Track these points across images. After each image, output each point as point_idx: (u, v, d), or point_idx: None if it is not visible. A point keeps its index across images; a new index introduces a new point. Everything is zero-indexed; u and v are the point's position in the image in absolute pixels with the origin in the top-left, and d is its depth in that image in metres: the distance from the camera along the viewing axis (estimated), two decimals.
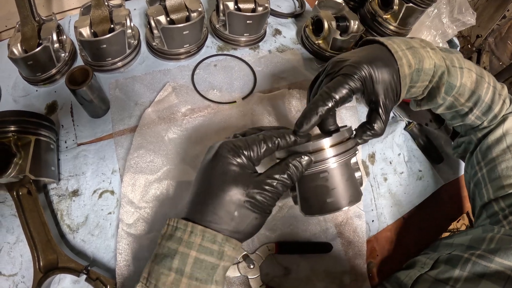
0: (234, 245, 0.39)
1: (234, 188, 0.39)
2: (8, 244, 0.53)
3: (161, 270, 0.38)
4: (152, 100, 0.64)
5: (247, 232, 0.41)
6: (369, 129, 0.46)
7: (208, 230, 0.38)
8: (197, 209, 0.40)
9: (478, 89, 0.51)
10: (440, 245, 0.53)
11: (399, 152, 0.70)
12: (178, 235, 0.39)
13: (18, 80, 0.67)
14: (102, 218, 0.55)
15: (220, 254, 0.39)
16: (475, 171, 0.55)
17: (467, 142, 0.59)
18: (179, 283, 0.37)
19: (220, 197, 0.39)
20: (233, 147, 0.40)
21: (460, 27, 0.84)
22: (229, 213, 0.39)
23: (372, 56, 0.45)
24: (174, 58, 0.69)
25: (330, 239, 0.59)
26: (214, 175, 0.40)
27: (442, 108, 0.54)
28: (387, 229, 0.65)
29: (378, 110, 0.46)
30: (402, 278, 0.49)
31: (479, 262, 0.41)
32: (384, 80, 0.45)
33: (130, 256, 0.51)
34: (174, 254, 0.38)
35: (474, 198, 0.57)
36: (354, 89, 0.43)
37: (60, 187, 0.57)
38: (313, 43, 0.75)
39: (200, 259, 0.38)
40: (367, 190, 0.65)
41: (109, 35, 0.60)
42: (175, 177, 0.57)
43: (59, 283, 0.51)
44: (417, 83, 0.49)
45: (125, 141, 0.60)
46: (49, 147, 0.55)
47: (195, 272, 0.38)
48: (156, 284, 0.38)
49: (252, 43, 0.75)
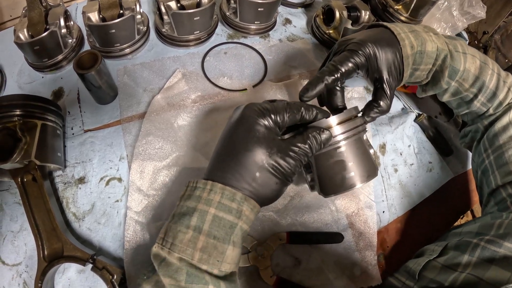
0: (252, 206, 0.38)
1: (258, 149, 0.37)
2: (11, 233, 0.51)
3: (178, 228, 0.36)
4: (161, 86, 0.61)
5: (266, 197, 0.39)
6: (376, 106, 0.47)
7: (227, 188, 0.37)
8: (218, 168, 0.39)
9: (482, 75, 0.51)
10: (449, 235, 0.51)
11: (409, 143, 0.67)
12: (197, 194, 0.37)
13: (24, 67, 0.64)
14: (109, 206, 0.52)
15: (238, 213, 0.37)
16: (483, 159, 0.54)
17: (474, 130, 0.57)
18: (196, 241, 0.35)
19: (243, 156, 0.38)
20: (260, 109, 0.39)
21: (470, 20, 0.81)
22: (251, 172, 0.37)
23: (376, 37, 0.47)
24: (183, 45, 0.66)
25: (341, 230, 0.56)
26: (238, 135, 0.39)
27: (448, 95, 0.53)
28: (398, 221, 0.62)
29: (383, 86, 0.46)
30: (411, 265, 0.47)
31: (488, 247, 0.40)
32: (388, 59, 0.46)
33: (138, 244, 0.48)
34: (193, 212, 0.36)
35: (481, 186, 0.55)
36: (358, 64, 0.45)
37: (66, 174, 0.54)
38: (324, 33, 0.71)
39: (219, 216, 0.36)
40: (378, 181, 0.62)
41: (119, 20, 0.57)
42: (185, 164, 0.54)
43: (63, 272, 0.49)
44: (420, 65, 0.48)
45: (133, 127, 0.57)
46: (56, 133, 0.52)
47: (213, 230, 0.36)
48: (172, 242, 0.36)
49: (263, 31, 0.71)
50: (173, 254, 0.35)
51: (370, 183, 0.60)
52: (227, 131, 0.40)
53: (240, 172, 0.37)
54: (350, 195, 0.58)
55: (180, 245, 0.35)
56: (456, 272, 0.40)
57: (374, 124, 0.66)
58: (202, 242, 0.35)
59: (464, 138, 0.61)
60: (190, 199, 0.38)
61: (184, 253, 0.35)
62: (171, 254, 0.35)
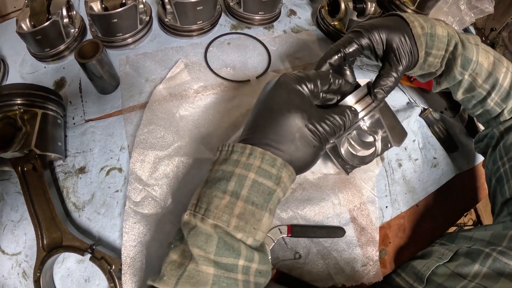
0: (290, 173, 0.36)
1: (297, 112, 0.37)
2: (12, 222, 0.50)
3: (214, 193, 0.34)
4: (163, 77, 0.60)
5: (303, 161, 0.38)
6: (381, 79, 0.45)
7: (268, 152, 0.35)
8: (255, 132, 0.37)
9: (496, 72, 0.50)
10: (458, 237, 0.50)
11: (414, 138, 0.65)
12: (235, 158, 0.35)
13: (26, 57, 0.63)
14: (109, 196, 0.51)
15: (277, 179, 0.35)
16: (498, 167, 0.52)
17: (489, 136, 0.55)
18: (233, 207, 0.33)
19: (283, 118, 0.36)
20: (296, 76, 0.39)
21: (478, 14, 0.79)
22: (290, 135, 0.36)
23: (383, 20, 0.47)
24: (186, 35, 0.64)
25: (343, 224, 0.54)
26: (276, 99, 0.38)
27: (462, 91, 0.52)
28: (401, 216, 0.60)
29: (391, 59, 0.46)
30: (419, 267, 0.45)
31: (499, 259, 0.39)
32: (395, 38, 0.45)
33: (137, 236, 0.47)
34: (230, 176, 0.34)
35: (495, 194, 0.53)
36: (363, 44, 0.46)
37: (66, 164, 0.53)
38: (329, 25, 0.69)
39: (259, 181, 0.34)
40: (382, 175, 0.60)
41: (121, 9, 0.56)
42: (186, 154, 0.52)
43: (63, 262, 0.48)
44: (432, 49, 0.48)
45: (135, 117, 0.55)
46: (56, 122, 0.51)
47: (252, 196, 0.34)
48: (207, 208, 0.34)
49: (267, 22, 0.69)
50: (207, 220, 0.33)
51: (373, 177, 0.58)
52: (264, 97, 0.39)
53: (279, 135, 0.36)
54: (353, 189, 0.56)
55: (215, 211, 0.33)
56: (465, 281, 0.40)
57: None
58: (240, 208, 0.33)
59: (479, 143, 0.59)
60: (226, 163, 0.36)
61: (220, 220, 0.33)
62: (205, 220, 0.33)
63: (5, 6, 0.87)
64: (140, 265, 0.45)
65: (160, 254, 0.46)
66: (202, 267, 0.32)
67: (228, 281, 0.33)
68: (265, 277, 0.37)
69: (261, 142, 0.36)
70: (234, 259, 0.33)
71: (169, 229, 0.47)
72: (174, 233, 0.39)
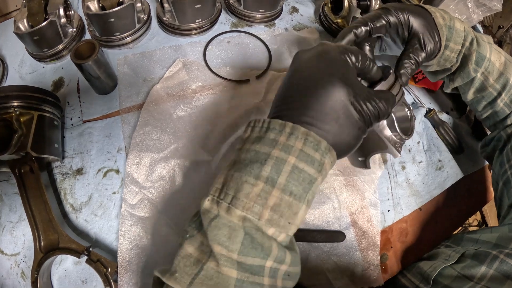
0: (333, 159, 0.32)
1: (343, 87, 0.31)
2: (10, 223, 0.50)
3: (244, 178, 0.29)
4: (161, 76, 0.59)
5: (346, 144, 0.33)
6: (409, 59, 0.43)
7: (311, 133, 0.30)
8: (291, 107, 0.32)
9: (507, 72, 0.50)
10: (464, 239, 0.50)
11: (419, 140, 0.64)
12: (271, 137, 0.30)
13: (25, 57, 0.63)
14: (106, 198, 0.51)
15: (320, 165, 0.30)
16: (505, 169, 0.51)
17: (496, 139, 0.55)
18: (267, 196, 0.28)
19: (326, 90, 0.31)
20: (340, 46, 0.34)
21: (485, 12, 0.76)
22: (334, 111, 0.31)
23: (408, 6, 0.46)
24: (185, 33, 0.64)
25: (344, 228, 0.53)
26: (316, 70, 0.32)
27: (473, 90, 0.52)
28: (403, 220, 0.59)
29: (415, 43, 0.44)
30: (426, 268, 0.45)
31: (507, 261, 0.39)
32: (421, 22, 0.44)
33: (133, 239, 0.47)
34: (266, 159, 0.29)
35: (501, 197, 0.52)
36: (390, 22, 0.44)
37: (64, 165, 0.53)
38: (332, 22, 0.68)
39: (299, 167, 0.29)
40: (384, 178, 0.59)
41: (118, 8, 0.56)
42: (183, 156, 0.52)
43: (60, 263, 0.48)
44: (450, 42, 0.47)
45: (132, 118, 0.55)
46: (53, 124, 0.51)
47: (291, 184, 0.29)
48: (235, 195, 0.29)
49: (268, 20, 0.68)
50: (234, 211, 0.28)
51: (375, 180, 0.57)
52: (300, 67, 0.34)
53: (321, 112, 0.31)
54: (355, 192, 0.55)
55: (245, 200, 0.28)
56: (471, 283, 0.39)
57: None
58: (275, 198, 0.28)
59: (485, 148, 0.58)
60: (260, 142, 0.30)
61: (250, 211, 0.28)
62: (231, 210, 0.29)
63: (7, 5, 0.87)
64: (136, 269, 0.45)
65: (157, 258, 0.46)
66: (223, 269, 0.28)
67: (251, 287, 0.30)
68: (294, 280, 0.33)
69: (300, 120, 0.31)
70: (262, 259, 0.29)
71: (165, 232, 0.47)
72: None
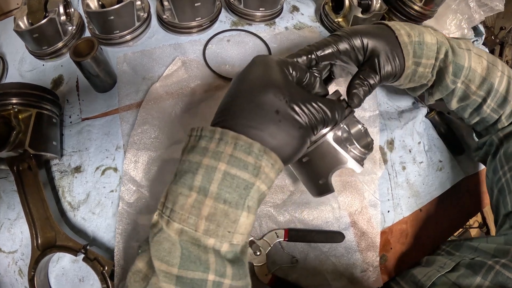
0: (273, 161, 0.30)
1: (276, 89, 0.31)
2: (8, 221, 0.51)
3: (179, 190, 0.29)
4: (160, 75, 0.59)
5: (288, 145, 0.32)
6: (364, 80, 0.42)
7: (242, 136, 0.29)
8: (227, 112, 0.32)
9: (490, 77, 0.47)
10: (464, 246, 0.49)
11: (419, 140, 0.64)
12: (203, 145, 0.30)
13: (25, 55, 0.63)
14: (104, 196, 0.51)
15: (256, 169, 0.29)
16: (499, 177, 0.49)
17: (488, 144, 0.53)
18: (201, 206, 0.28)
19: (259, 92, 0.31)
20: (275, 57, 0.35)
21: (487, 12, 0.76)
22: (269, 112, 0.30)
23: (368, 27, 0.44)
24: (185, 32, 0.64)
25: (343, 228, 0.53)
26: (250, 77, 0.33)
27: (456, 100, 0.50)
28: (403, 221, 0.59)
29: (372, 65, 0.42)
30: (420, 277, 0.44)
31: (502, 272, 0.38)
32: (379, 46, 0.42)
33: (129, 237, 0.47)
34: (197, 168, 0.29)
35: (497, 205, 0.51)
36: (341, 49, 0.42)
37: (62, 163, 0.53)
38: (333, 21, 0.68)
39: (231, 174, 0.29)
40: (384, 178, 0.59)
41: (117, 6, 0.56)
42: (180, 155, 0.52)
43: (58, 261, 0.49)
44: (421, 58, 0.45)
45: (131, 116, 0.55)
46: (51, 121, 0.51)
47: (224, 192, 0.28)
48: (172, 208, 0.29)
49: (268, 18, 0.68)
50: (172, 224, 0.28)
51: (375, 180, 0.57)
52: (238, 76, 0.35)
53: (255, 113, 0.30)
54: (354, 192, 0.55)
55: (180, 212, 0.28)
56: None
57: (383, 119, 0.62)
58: (209, 207, 0.28)
59: (478, 151, 0.58)
60: (193, 152, 0.30)
61: (186, 223, 0.28)
62: (170, 224, 0.28)
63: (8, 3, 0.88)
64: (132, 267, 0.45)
65: None
66: (162, 284, 0.28)
67: None
68: None
69: (235, 124, 0.30)
70: (203, 273, 0.29)
71: None
72: None
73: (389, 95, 0.67)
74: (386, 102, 0.66)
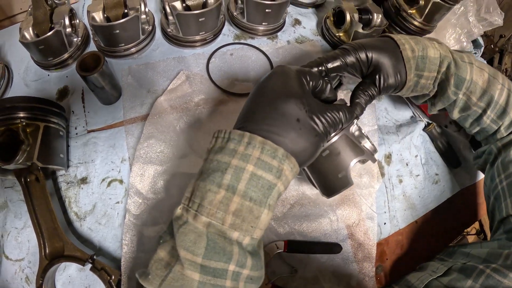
0: (292, 165, 0.35)
1: (297, 99, 0.36)
2: (15, 229, 0.53)
3: (208, 187, 0.33)
4: (165, 88, 0.62)
5: (305, 151, 0.36)
6: (366, 90, 0.46)
7: (268, 142, 0.33)
8: (252, 118, 0.36)
9: (490, 89, 0.51)
10: (457, 253, 0.52)
11: (417, 153, 0.67)
12: (231, 147, 0.34)
13: (30, 64, 0.65)
14: (110, 207, 0.54)
15: (279, 172, 0.34)
16: (496, 184, 0.53)
17: (487, 152, 0.57)
18: (229, 202, 0.32)
19: (282, 102, 0.35)
20: (294, 67, 0.40)
21: (486, 27, 0.79)
22: (291, 120, 0.35)
23: (375, 41, 0.48)
24: (189, 45, 0.66)
25: (340, 240, 0.57)
26: (273, 87, 0.37)
27: (457, 110, 0.54)
28: (399, 233, 0.62)
29: (375, 77, 0.46)
30: (413, 281, 0.47)
31: (493, 276, 0.40)
32: (383, 60, 0.46)
33: (136, 248, 0.50)
34: (226, 168, 0.33)
35: (493, 211, 0.54)
36: (348, 62, 0.46)
37: (68, 174, 0.56)
38: (334, 35, 0.70)
39: (257, 175, 0.33)
40: (381, 191, 0.62)
41: (123, 20, 0.58)
42: (185, 169, 0.55)
43: (64, 270, 0.51)
44: (424, 71, 0.49)
45: (136, 129, 0.58)
46: (58, 134, 0.54)
47: (250, 191, 0.33)
48: (200, 203, 0.32)
49: (270, 32, 0.71)
50: (200, 217, 0.32)
51: (373, 194, 0.60)
52: (260, 85, 0.39)
53: (279, 121, 0.34)
54: (352, 205, 0.58)
55: (209, 207, 0.32)
56: None
57: (381, 133, 0.65)
58: (236, 204, 0.32)
59: (477, 160, 0.61)
60: (222, 153, 0.34)
61: (214, 217, 0.32)
62: (198, 217, 0.32)
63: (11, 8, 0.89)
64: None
65: None
66: (187, 272, 0.32)
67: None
68: (256, 283, 0.36)
69: (260, 129, 0.34)
70: (225, 263, 0.32)
71: None
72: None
73: (388, 109, 0.70)
74: (385, 116, 0.69)
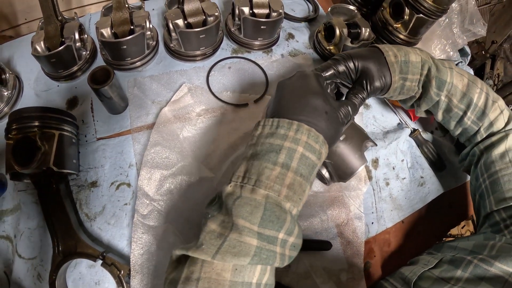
0: (326, 150, 0.44)
1: (321, 96, 0.45)
2: (28, 230, 0.58)
3: (264, 165, 0.39)
4: (168, 99, 0.68)
5: (333, 137, 0.46)
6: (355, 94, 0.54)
7: (312, 129, 0.42)
8: (289, 109, 0.44)
9: (470, 92, 0.59)
10: (444, 246, 0.58)
11: (403, 158, 0.74)
12: (282, 132, 0.41)
13: (40, 75, 0.71)
14: (118, 208, 0.60)
15: (319, 154, 0.42)
16: (480, 183, 0.60)
17: (471, 155, 0.64)
18: (284, 177, 0.39)
19: (313, 97, 0.44)
20: (313, 71, 0.51)
21: (470, 37, 0.87)
22: (322, 112, 0.43)
23: (361, 51, 0.57)
24: (190, 59, 0.73)
25: (330, 238, 0.63)
26: (300, 85, 0.46)
27: (441, 112, 0.61)
28: (386, 232, 0.69)
29: (362, 82, 0.54)
30: (407, 273, 0.52)
31: (480, 265, 0.45)
32: (368, 66, 0.54)
33: (144, 245, 0.56)
34: (280, 149, 0.40)
35: (479, 208, 0.61)
36: (339, 70, 0.55)
37: (80, 178, 0.62)
38: (325, 49, 0.78)
39: (306, 155, 0.40)
40: (369, 193, 0.69)
41: (130, 37, 0.64)
42: (188, 173, 0.62)
43: (75, 267, 0.56)
44: (407, 74, 0.57)
45: (142, 137, 0.65)
46: (71, 141, 0.60)
47: (300, 168, 0.40)
48: (257, 179, 0.39)
49: (266, 46, 0.78)
50: (258, 190, 0.38)
51: (360, 196, 0.67)
52: (287, 84, 0.48)
53: (313, 113, 0.43)
54: (341, 206, 0.65)
55: (267, 181, 0.38)
56: (449, 285, 0.45)
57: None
58: (290, 178, 0.39)
59: (463, 162, 0.68)
60: (273, 137, 0.41)
61: (271, 189, 0.38)
62: (256, 191, 0.38)
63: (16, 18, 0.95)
64: (147, 271, 0.54)
65: (165, 262, 0.54)
66: (245, 238, 0.37)
67: (268, 253, 0.38)
68: (297, 250, 0.42)
69: (297, 119, 0.42)
70: (276, 231, 0.37)
71: (172, 239, 0.57)
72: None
73: (376, 116, 0.77)
74: (373, 123, 0.76)
